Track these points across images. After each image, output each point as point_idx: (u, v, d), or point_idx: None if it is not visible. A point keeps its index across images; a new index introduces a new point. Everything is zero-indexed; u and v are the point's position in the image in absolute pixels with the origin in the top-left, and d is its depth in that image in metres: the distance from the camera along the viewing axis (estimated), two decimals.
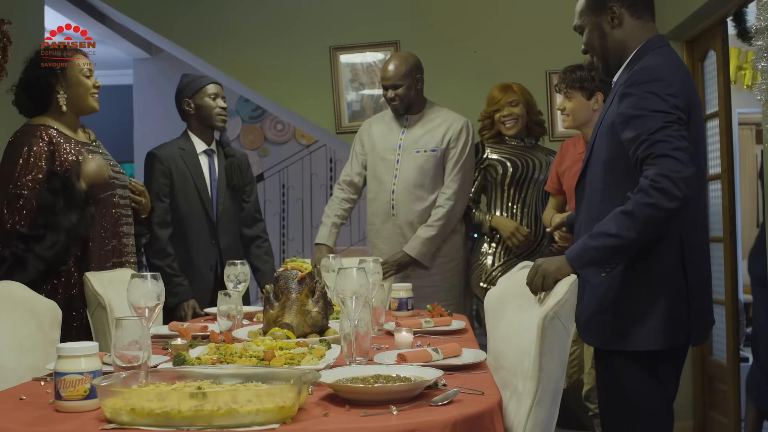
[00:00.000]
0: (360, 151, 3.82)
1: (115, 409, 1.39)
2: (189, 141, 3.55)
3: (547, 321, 1.84)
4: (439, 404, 1.49)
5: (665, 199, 1.95)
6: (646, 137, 2.02)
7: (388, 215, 3.68)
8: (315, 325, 2.30)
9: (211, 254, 3.48)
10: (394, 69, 3.63)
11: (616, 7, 2.21)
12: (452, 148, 3.66)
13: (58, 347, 1.55)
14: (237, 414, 1.34)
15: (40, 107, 2.80)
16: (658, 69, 2.13)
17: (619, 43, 2.23)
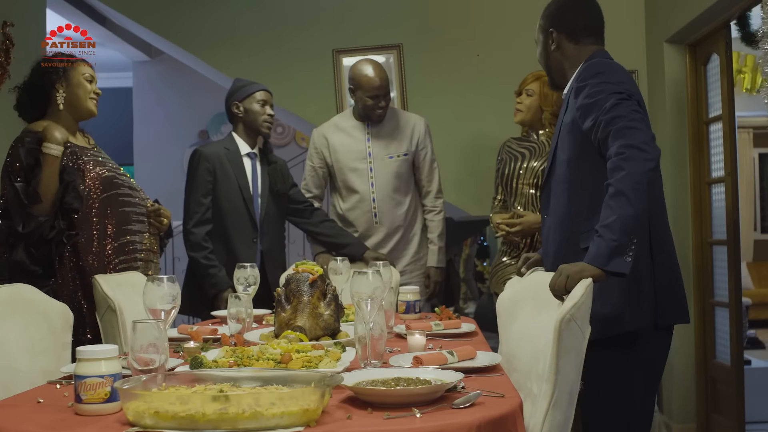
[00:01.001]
0: (319, 164, 3.82)
1: (138, 412, 1.38)
2: (233, 142, 3.62)
3: (564, 324, 1.85)
4: (461, 407, 1.49)
5: (638, 164, 2.03)
6: (602, 117, 2.14)
7: (371, 223, 3.73)
8: (327, 328, 2.30)
9: (252, 252, 3.51)
10: (383, 79, 3.68)
11: (554, 32, 2.43)
12: (422, 149, 3.79)
13: (79, 350, 1.54)
14: (262, 417, 1.34)
15: (39, 109, 2.82)
16: (605, 64, 2.32)
17: (558, 63, 2.45)
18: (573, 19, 2.41)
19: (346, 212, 3.77)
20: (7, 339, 1.98)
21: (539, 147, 3.38)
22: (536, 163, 3.35)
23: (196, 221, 3.45)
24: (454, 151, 4.58)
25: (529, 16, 4.64)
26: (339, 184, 3.79)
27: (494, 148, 4.68)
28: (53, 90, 2.78)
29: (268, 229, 3.59)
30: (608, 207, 2.05)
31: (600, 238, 2.05)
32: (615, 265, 2.02)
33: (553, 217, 2.35)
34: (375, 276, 1.93)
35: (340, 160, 3.75)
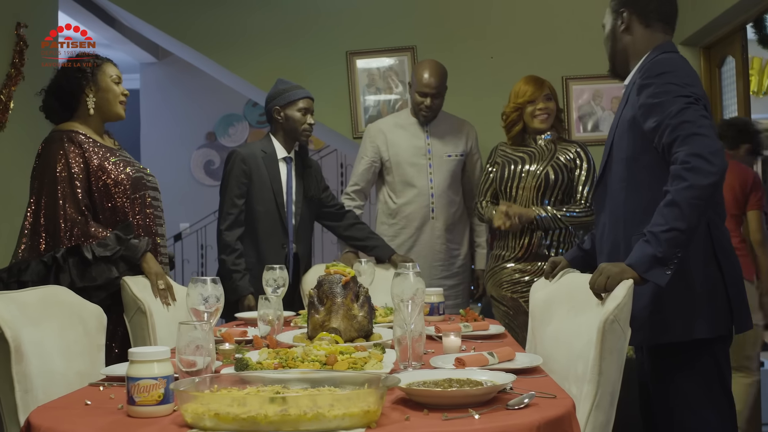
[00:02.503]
0: (374, 158, 3.85)
1: (197, 414, 1.38)
2: (271, 145, 3.58)
3: (608, 325, 1.86)
4: (516, 408, 1.49)
5: (701, 177, 1.96)
6: (668, 121, 2.05)
7: (427, 218, 3.78)
8: (361, 330, 2.30)
9: (281, 257, 3.50)
10: (437, 78, 3.72)
11: (626, 12, 2.30)
12: (474, 153, 3.90)
13: (131, 352, 1.54)
14: (324, 418, 1.34)
15: (67, 111, 2.81)
16: (673, 62, 2.21)
17: (625, 48, 2.33)
18: (649, 1, 2.29)
19: (401, 206, 3.80)
20: (43, 341, 1.96)
21: (538, 152, 3.39)
22: (537, 166, 3.36)
23: (230, 223, 3.42)
24: None
25: (542, 18, 4.68)
26: (395, 179, 3.81)
27: None
28: (82, 95, 2.78)
29: (303, 235, 3.59)
30: (661, 215, 2.01)
31: (646, 244, 2.01)
32: (654, 275, 1.99)
33: (608, 215, 2.28)
34: (417, 278, 1.92)
35: (399, 154, 3.79)
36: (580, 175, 3.32)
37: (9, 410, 1.82)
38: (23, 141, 4.33)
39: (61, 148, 2.67)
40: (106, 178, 2.72)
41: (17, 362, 1.81)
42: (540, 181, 3.32)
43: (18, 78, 4.22)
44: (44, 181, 2.66)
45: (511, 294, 3.35)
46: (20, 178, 4.30)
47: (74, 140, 2.70)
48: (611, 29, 2.37)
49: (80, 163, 2.68)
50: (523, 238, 3.33)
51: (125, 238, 2.64)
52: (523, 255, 3.33)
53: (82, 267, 2.57)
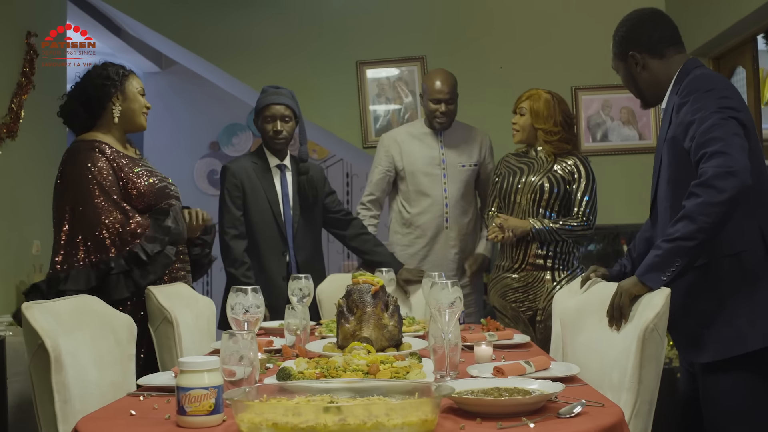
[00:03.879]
0: (388, 167, 3.85)
1: (254, 423, 1.37)
2: (262, 155, 3.59)
3: (648, 333, 1.87)
4: (567, 416, 1.49)
5: (714, 194, 1.97)
6: (699, 139, 2.06)
7: (441, 228, 3.78)
8: (392, 339, 2.30)
9: (281, 266, 3.49)
10: (448, 84, 3.72)
11: (636, 54, 2.33)
12: (488, 163, 3.89)
13: (181, 362, 1.53)
14: (383, 427, 1.33)
15: (90, 119, 2.79)
16: (709, 78, 2.22)
17: (650, 81, 2.35)
18: (647, 34, 2.32)
19: (415, 216, 3.80)
20: (78, 351, 1.95)
21: (537, 162, 3.37)
22: (534, 177, 3.33)
23: (233, 236, 3.43)
24: None
25: (552, 28, 4.71)
26: (409, 188, 3.81)
27: None
28: (108, 103, 2.76)
29: (302, 242, 3.56)
30: (672, 226, 2.05)
31: (653, 250, 2.07)
32: (649, 278, 2.02)
33: (660, 234, 2.24)
34: (454, 287, 1.93)
35: (414, 164, 3.79)
36: (579, 188, 3.30)
37: (47, 421, 1.81)
38: (34, 149, 4.33)
39: (90, 158, 2.66)
40: (130, 186, 2.70)
41: (57, 372, 1.80)
42: (536, 191, 3.31)
43: (28, 87, 4.22)
44: (77, 191, 2.64)
45: (510, 303, 3.35)
46: (30, 186, 4.30)
47: (101, 150, 2.69)
48: (627, 73, 2.37)
49: (110, 173, 2.67)
50: (520, 249, 3.32)
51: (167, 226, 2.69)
52: (520, 266, 3.32)
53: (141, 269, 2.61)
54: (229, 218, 3.46)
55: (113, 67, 2.82)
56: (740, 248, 2.12)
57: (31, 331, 1.81)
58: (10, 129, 4.03)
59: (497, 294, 3.42)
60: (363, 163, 5.56)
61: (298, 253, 3.53)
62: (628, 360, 1.90)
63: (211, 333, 2.92)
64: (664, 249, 2.03)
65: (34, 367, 1.83)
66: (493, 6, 4.73)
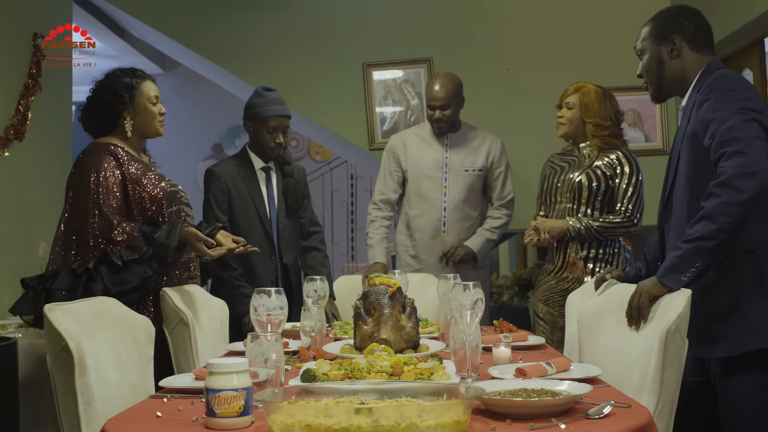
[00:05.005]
0: (395, 168, 3.85)
1: (286, 425, 1.37)
2: (247, 157, 3.56)
3: (670, 334, 1.87)
4: (596, 417, 1.49)
5: (733, 194, 1.99)
6: (720, 137, 2.08)
7: (438, 232, 3.78)
8: (410, 341, 2.30)
9: (270, 269, 3.48)
10: (444, 90, 3.70)
11: (677, 39, 2.32)
12: (497, 168, 3.85)
13: (210, 363, 1.53)
14: (417, 428, 1.33)
15: (105, 129, 2.78)
16: (733, 79, 2.24)
17: (676, 73, 2.34)
18: (694, 26, 2.33)
19: (413, 218, 3.81)
20: (98, 353, 1.95)
21: (579, 159, 3.25)
22: (573, 174, 3.20)
23: None
24: None
25: (558, 30, 4.71)
26: (410, 190, 3.81)
27: (524, 163, 4.72)
28: (120, 118, 2.73)
29: (289, 245, 3.53)
30: (692, 227, 2.06)
31: (673, 251, 2.08)
32: (669, 279, 2.04)
33: (675, 230, 2.29)
34: (476, 288, 1.93)
35: (416, 165, 3.79)
36: (621, 182, 3.14)
37: (70, 423, 1.81)
38: (41, 151, 4.32)
39: (97, 160, 2.64)
40: (141, 191, 2.68)
41: (81, 374, 1.80)
42: (574, 189, 3.17)
43: (35, 88, 4.21)
44: (77, 192, 2.63)
45: (549, 308, 3.22)
46: (37, 187, 4.30)
47: (112, 153, 2.67)
48: (657, 56, 2.35)
49: (117, 174, 2.65)
50: (560, 251, 3.21)
51: (151, 236, 2.56)
52: (561, 268, 3.20)
53: (113, 273, 2.52)
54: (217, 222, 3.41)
55: (123, 77, 2.75)
56: (755, 246, 2.13)
57: (54, 332, 1.81)
58: (18, 130, 4.03)
59: (540, 299, 3.29)
60: (367, 165, 5.57)
61: (285, 256, 3.51)
62: (650, 361, 1.91)
63: (224, 335, 2.92)
64: (684, 250, 2.04)
65: (56, 369, 1.83)
66: (501, 8, 4.73)
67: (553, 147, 4.61)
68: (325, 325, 2.55)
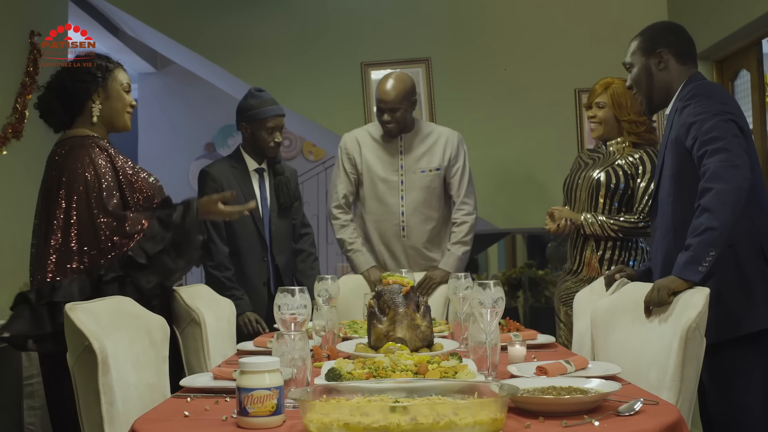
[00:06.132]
0: (351, 170, 3.69)
1: (324, 424, 1.37)
2: (241, 159, 3.54)
3: (690, 332, 1.89)
4: (627, 414, 1.51)
5: (725, 183, 2.13)
6: (702, 137, 2.23)
7: (398, 237, 3.64)
8: (425, 339, 2.30)
9: (262, 270, 3.48)
10: (394, 92, 3.53)
11: (664, 52, 2.47)
12: (454, 165, 3.66)
13: (242, 362, 1.52)
14: (456, 427, 1.34)
15: (67, 115, 2.55)
16: (711, 87, 2.43)
17: (664, 84, 2.49)
18: (680, 40, 2.48)
19: (373, 224, 3.66)
20: (117, 352, 1.93)
21: (604, 157, 3.14)
22: (593, 172, 3.10)
23: (218, 240, 3.37)
24: (482, 164, 4.60)
25: (555, 31, 4.73)
26: (366, 194, 3.67)
27: (522, 161, 4.75)
28: (88, 101, 2.52)
29: (281, 245, 3.53)
30: (694, 225, 2.16)
31: (684, 251, 2.16)
32: (687, 272, 2.10)
33: (660, 229, 2.42)
34: (497, 287, 1.94)
35: (371, 169, 3.65)
36: (642, 182, 3.01)
37: (92, 423, 1.80)
38: (39, 150, 4.25)
39: (88, 155, 2.43)
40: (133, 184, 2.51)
41: (104, 374, 1.79)
42: (592, 186, 3.07)
43: (32, 87, 4.17)
44: (72, 192, 2.40)
45: (567, 309, 3.13)
46: (33, 187, 4.23)
47: (100, 147, 2.48)
48: (645, 68, 2.48)
49: (109, 170, 2.46)
50: (576, 250, 3.11)
51: (168, 220, 2.44)
52: (578, 268, 3.11)
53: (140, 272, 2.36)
54: (211, 223, 3.35)
55: (97, 60, 2.57)
56: (734, 240, 2.24)
57: (76, 332, 1.80)
58: (16, 129, 3.99)
59: (560, 300, 3.22)
60: None
61: (277, 257, 3.50)
62: (669, 359, 1.93)
63: (231, 334, 2.91)
64: (696, 243, 2.12)
65: (78, 369, 1.82)
66: (498, 8, 4.75)
67: (551, 145, 4.65)
68: (336, 324, 2.55)
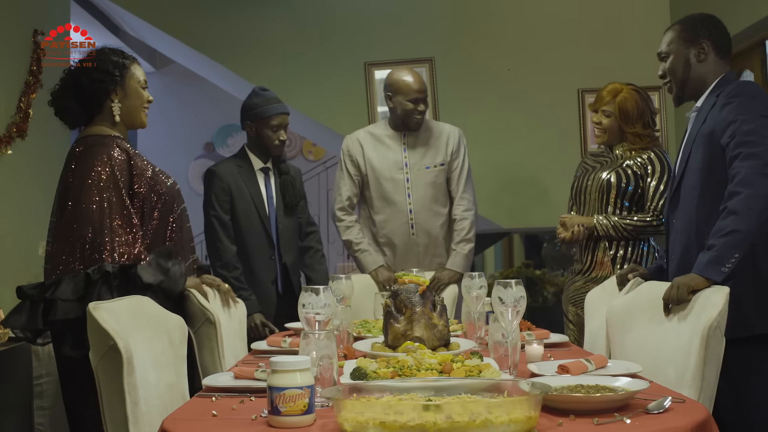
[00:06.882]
0: (354, 171, 3.70)
1: (359, 422, 1.37)
2: (246, 158, 3.56)
3: (711, 331, 1.91)
4: (656, 412, 1.52)
5: (753, 188, 2.13)
6: (740, 138, 2.22)
7: (407, 235, 3.65)
8: (442, 338, 2.30)
9: (270, 269, 3.49)
10: (422, 83, 3.62)
11: (706, 44, 2.45)
12: (455, 159, 3.68)
13: (273, 361, 1.52)
14: (491, 425, 1.34)
15: (85, 114, 2.51)
16: (755, 87, 2.42)
17: (700, 76, 2.46)
18: (724, 35, 2.47)
19: (381, 224, 3.67)
20: (137, 352, 1.92)
21: (612, 160, 3.15)
22: (603, 174, 3.11)
23: (225, 239, 3.40)
24: (485, 164, 4.63)
25: (559, 32, 4.75)
26: (373, 195, 3.68)
27: (524, 162, 4.77)
28: (107, 100, 2.48)
29: (288, 244, 3.54)
30: (719, 226, 2.17)
31: (706, 250, 2.16)
32: (710, 272, 2.11)
33: (681, 221, 2.41)
34: (518, 285, 1.95)
35: (376, 169, 3.66)
36: (652, 181, 3.03)
37: (117, 422, 1.79)
38: (42, 149, 4.27)
39: (107, 153, 2.39)
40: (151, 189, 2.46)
41: (129, 373, 1.78)
42: (603, 187, 3.08)
43: (36, 86, 4.17)
44: (83, 188, 2.35)
45: (576, 309, 3.13)
46: (36, 186, 4.24)
47: (121, 147, 2.44)
48: (684, 57, 2.46)
49: (127, 171, 2.41)
50: (588, 250, 3.11)
51: (166, 266, 2.38)
52: (588, 268, 3.11)
53: (125, 289, 2.29)
54: (219, 222, 3.42)
55: (112, 56, 2.51)
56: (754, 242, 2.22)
57: (101, 332, 1.79)
58: (20, 128, 3.98)
59: (568, 300, 3.22)
60: None
61: (285, 255, 3.51)
62: (689, 357, 1.94)
63: (242, 335, 2.91)
64: (720, 243, 2.12)
65: (102, 369, 1.81)
66: (502, 9, 4.77)
67: (554, 146, 4.67)
68: (350, 324, 2.56)
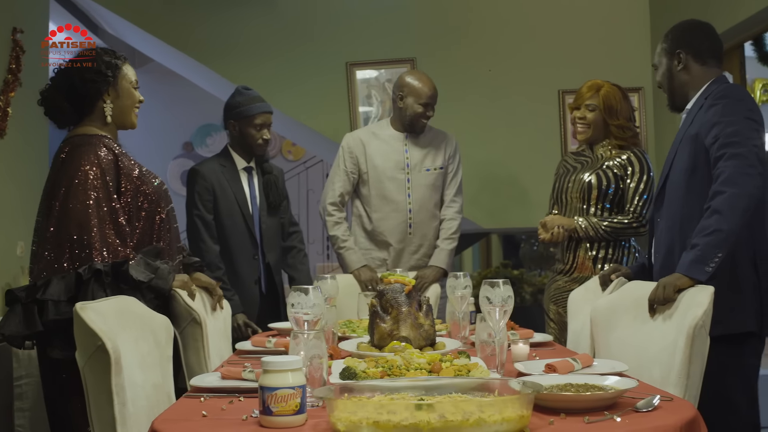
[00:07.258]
0: (352, 169, 3.72)
1: (352, 422, 1.37)
2: (229, 158, 3.55)
3: (696, 330, 1.93)
4: (645, 410, 1.53)
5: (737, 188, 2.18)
6: (724, 140, 2.27)
7: (404, 235, 3.68)
8: (428, 338, 2.31)
9: (253, 269, 3.48)
10: (435, 89, 3.65)
11: (682, 53, 2.51)
12: (451, 164, 3.75)
13: (265, 361, 1.52)
14: (485, 424, 1.35)
15: (76, 114, 2.50)
16: (739, 90, 2.48)
17: (683, 84, 2.54)
18: (700, 41, 2.51)
19: (377, 222, 3.68)
20: (124, 352, 1.91)
21: (592, 160, 3.18)
22: (584, 175, 3.13)
23: (208, 239, 3.39)
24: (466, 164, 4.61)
25: (540, 32, 4.79)
26: (371, 193, 3.69)
27: (505, 162, 4.79)
28: (99, 101, 2.47)
29: (271, 243, 3.54)
30: (702, 225, 2.21)
31: (690, 249, 2.20)
32: (694, 271, 2.15)
33: (665, 220, 2.46)
34: (506, 285, 1.96)
35: (377, 167, 3.67)
36: (632, 183, 3.07)
37: (104, 423, 1.78)
38: (21, 148, 4.22)
39: (94, 153, 2.38)
40: (137, 189, 2.46)
41: (117, 374, 1.77)
42: (584, 188, 3.11)
43: (15, 84, 4.11)
44: (71, 188, 2.34)
45: (558, 308, 3.18)
46: (14, 185, 4.19)
47: (108, 147, 2.43)
48: (667, 69, 2.56)
49: (114, 171, 2.41)
50: (570, 251, 3.14)
51: (155, 265, 2.39)
52: (570, 268, 3.14)
53: (117, 287, 2.28)
54: (202, 222, 3.41)
55: (104, 56, 2.50)
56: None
57: (88, 332, 1.78)
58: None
59: (550, 299, 3.25)
60: None
61: (268, 255, 3.52)
62: (674, 356, 1.96)
63: (227, 334, 2.90)
64: (704, 243, 2.16)
65: (89, 369, 1.80)
66: (483, 9, 4.79)
67: (535, 146, 4.70)
68: (335, 324, 2.55)
